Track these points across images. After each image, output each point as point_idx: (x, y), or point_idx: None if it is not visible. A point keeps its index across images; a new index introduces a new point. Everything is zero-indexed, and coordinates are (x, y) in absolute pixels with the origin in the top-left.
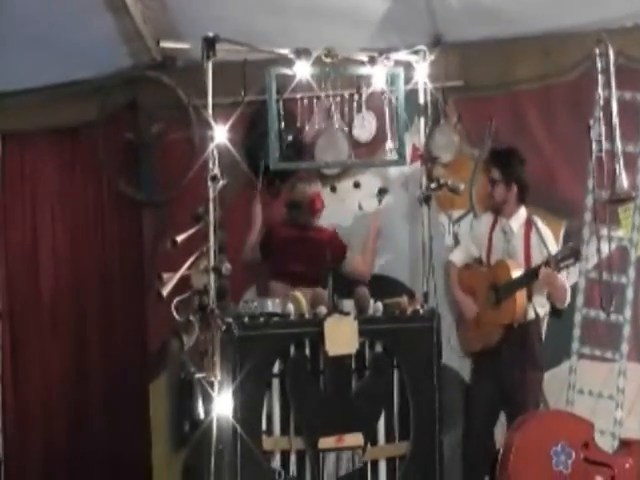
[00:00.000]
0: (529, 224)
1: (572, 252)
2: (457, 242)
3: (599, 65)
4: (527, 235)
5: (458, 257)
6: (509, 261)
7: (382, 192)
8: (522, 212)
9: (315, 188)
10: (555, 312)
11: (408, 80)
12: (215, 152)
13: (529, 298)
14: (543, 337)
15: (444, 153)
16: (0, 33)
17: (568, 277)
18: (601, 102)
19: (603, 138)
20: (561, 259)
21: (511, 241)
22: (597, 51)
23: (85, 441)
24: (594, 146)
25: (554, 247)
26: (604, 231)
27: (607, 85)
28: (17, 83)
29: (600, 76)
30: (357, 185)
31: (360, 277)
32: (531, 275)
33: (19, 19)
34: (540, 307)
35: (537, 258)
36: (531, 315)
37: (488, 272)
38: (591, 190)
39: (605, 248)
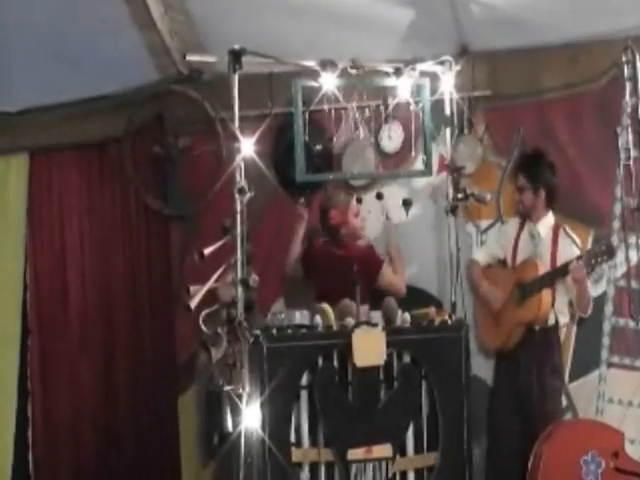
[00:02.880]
0: (557, 229)
1: (606, 249)
2: None
3: (626, 73)
4: (555, 239)
5: (481, 257)
6: (537, 260)
7: (407, 203)
8: (550, 217)
9: (342, 202)
10: (579, 320)
11: (434, 90)
12: (242, 164)
13: (552, 302)
14: (571, 346)
15: (468, 163)
16: (27, 49)
17: (597, 284)
18: (628, 110)
19: (631, 146)
20: (594, 254)
21: (538, 245)
22: (624, 58)
23: (114, 455)
24: (622, 154)
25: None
26: (632, 239)
27: (634, 92)
28: (44, 99)
29: (627, 83)
30: (379, 196)
31: (396, 292)
32: (562, 270)
33: (46, 35)
34: (561, 314)
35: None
36: (552, 321)
37: (514, 270)
38: (619, 198)
39: (634, 256)
